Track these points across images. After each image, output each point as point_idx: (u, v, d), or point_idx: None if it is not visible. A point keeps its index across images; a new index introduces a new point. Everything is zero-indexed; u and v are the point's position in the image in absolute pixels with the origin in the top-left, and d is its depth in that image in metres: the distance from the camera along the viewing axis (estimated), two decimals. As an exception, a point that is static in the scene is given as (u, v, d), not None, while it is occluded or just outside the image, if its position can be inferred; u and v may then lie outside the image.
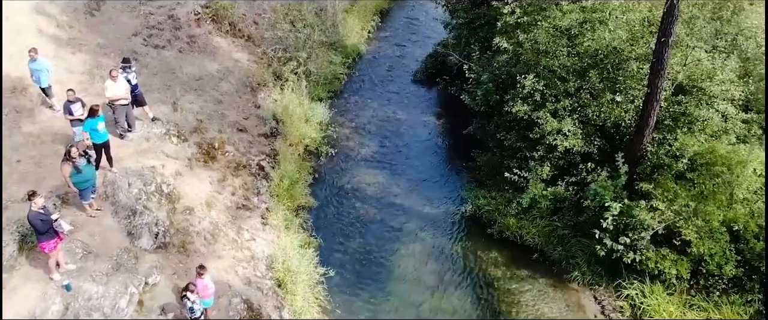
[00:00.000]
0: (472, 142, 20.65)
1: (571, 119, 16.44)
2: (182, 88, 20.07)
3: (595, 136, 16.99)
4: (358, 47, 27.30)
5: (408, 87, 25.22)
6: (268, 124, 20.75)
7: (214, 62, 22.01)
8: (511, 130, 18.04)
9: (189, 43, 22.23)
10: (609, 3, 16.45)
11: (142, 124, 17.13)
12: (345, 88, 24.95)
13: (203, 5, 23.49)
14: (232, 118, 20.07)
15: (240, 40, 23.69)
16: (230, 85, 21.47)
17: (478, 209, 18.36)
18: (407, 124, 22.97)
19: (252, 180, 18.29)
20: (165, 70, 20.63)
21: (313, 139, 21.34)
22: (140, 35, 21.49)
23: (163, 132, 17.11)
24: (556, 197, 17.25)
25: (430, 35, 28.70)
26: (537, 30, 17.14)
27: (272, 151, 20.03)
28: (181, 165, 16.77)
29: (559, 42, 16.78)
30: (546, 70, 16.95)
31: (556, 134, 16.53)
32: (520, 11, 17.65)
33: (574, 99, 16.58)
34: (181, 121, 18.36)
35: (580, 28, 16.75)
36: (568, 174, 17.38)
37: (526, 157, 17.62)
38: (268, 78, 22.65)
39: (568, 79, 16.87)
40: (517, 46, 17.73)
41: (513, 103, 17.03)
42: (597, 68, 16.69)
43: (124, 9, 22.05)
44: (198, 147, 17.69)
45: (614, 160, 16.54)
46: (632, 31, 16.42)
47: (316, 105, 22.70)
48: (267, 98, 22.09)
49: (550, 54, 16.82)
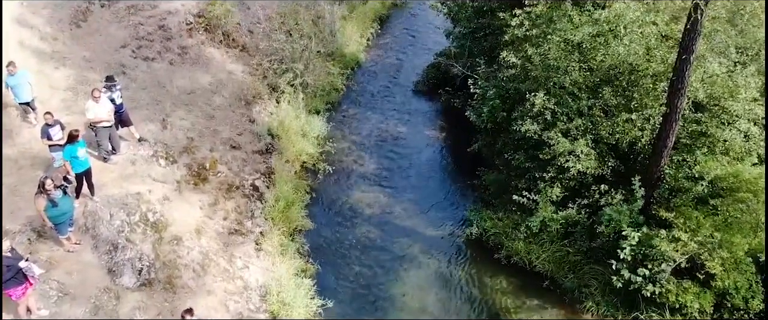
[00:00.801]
0: (477, 159, 19.46)
1: (584, 140, 15.22)
2: (172, 103, 18.85)
3: (609, 156, 15.78)
4: (357, 56, 26.07)
5: (409, 98, 24.00)
6: (262, 140, 19.53)
7: (206, 74, 20.77)
8: (519, 150, 16.84)
9: (180, 54, 20.99)
10: (624, 15, 15.19)
11: (128, 145, 15.91)
12: (343, 99, 23.73)
13: (196, 14, 22.23)
14: (225, 135, 18.85)
15: (234, 51, 22.45)
16: (223, 98, 20.24)
17: (484, 232, 17.16)
18: (408, 138, 21.75)
19: (245, 202, 17.06)
20: (154, 83, 19.40)
21: (310, 155, 20.13)
22: (129, 47, 20.23)
23: (150, 154, 15.88)
24: (567, 221, 16.06)
25: (431, 43, 27.48)
26: (547, 44, 15.91)
27: (267, 169, 18.81)
28: (170, 190, 15.56)
29: (571, 57, 15.54)
30: (556, 87, 15.74)
31: (568, 155, 15.30)
32: (528, 23, 16.41)
33: (586, 118, 15.35)
34: (170, 140, 17.14)
35: (593, 42, 15.50)
36: (580, 196, 16.20)
37: (535, 177, 16.40)
38: (263, 90, 21.42)
39: (580, 96, 15.66)
40: (525, 60, 16.50)
41: (521, 122, 15.83)
42: (611, 85, 15.47)
43: (112, 19, 20.78)
44: (188, 168, 16.47)
45: (629, 181, 15.38)
46: (648, 46, 15.18)
47: (313, 118, 21.49)
48: (262, 112, 20.86)
49: (561, 69, 15.57)
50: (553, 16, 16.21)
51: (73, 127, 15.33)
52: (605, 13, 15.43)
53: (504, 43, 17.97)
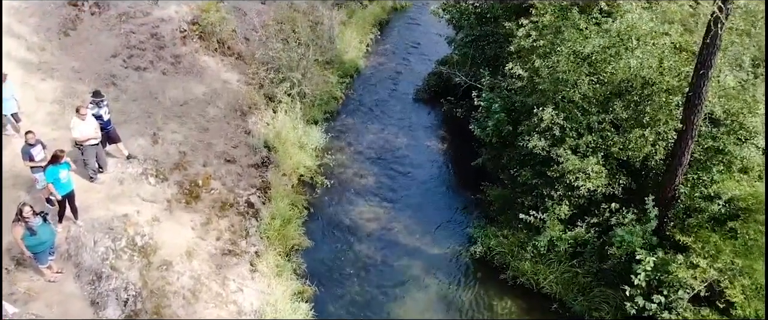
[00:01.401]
0: (481, 172, 18.56)
1: (594, 157, 14.35)
2: (164, 116, 17.97)
3: (620, 173, 14.92)
4: (356, 62, 25.16)
5: (409, 107, 23.11)
6: (258, 153, 18.65)
7: (200, 84, 19.88)
8: (525, 165, 15.97)
9: (174, 63, 20.10)
10: (636, 26, 14.29)
11: (116, 163, 15.03)
12: (342, 108, 22.83)
13: (190, 21, 21.33)
14: (219, 148, 17.97)
15: (229, 59, 21.56)
16: (218, 109, 19.35)
17: (489, 251, 16.31)
18: (409, 149, 20.86)
19: (240, 220, 16.18)
20: (146, 94, 18.51)
21: (307, 167, 19.25)
22: (120, 56, 19.35)
23: (139, 172, 15.01)
24: (576, 240, 15.22)
25: (432, 49, 26.56)
26: (555, 56, 15.02)
27: (263, 184, 17.93)
28: (159, 210, 14.69)
29: (580, 69, 14.65)
30: (565, 101, 14.85)
31: (578, 173, 14.44)
32: (535, 34, 15.52)
33: (597, 133, 14.47)
34: (161, 155, 16.26)
35: (603, 54, 14.62)
36: (589, 214, 15.36)
37: (543, 194, 15.54)
38: (259, 100, 20.52)
39: (590, 111, 14.78)
40: (532, 72, 15.61)
41: (528, 138, 14.95)
42: (621, 98, 14.59)
43: (102, 27, 19.90)
44: (179, 186, 15.59)
45: (641, 199, 14.58)
46: (662, 59, 14.30)
47: (311, 129, 20.62)
48: (258, 122, 19.97)
49: (569, 83, 14.69)
50: (561, 26, 15.31)
51: (60, 143, 14.54)
52: (616, 23, 14.52)
53: (510, 54, 17.08)
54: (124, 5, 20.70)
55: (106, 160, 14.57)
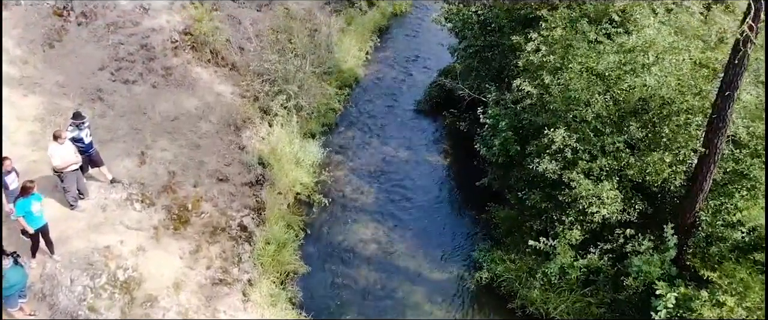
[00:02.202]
0: (486, 190, 17.44)
1: (609, 182, 13.26)
2: (154, 132, 16.90)
3: (636, 197, 13.85)
4: (356, 71, 24.03)
5: (410, 119, 21.99)
6: (253, 171, 17.55)
7: (192, 97, 18.78)
8: (534, 187, 14.88)
9: (164, 75, 19.00)
10: (654, 42, 13.19)
11: (99, 188, 13.94)
12: (341, 120, 21.69)
13: (182, 31, 20.20)
14: (211, 166, 16.88)
15: (223, 70, 20.45)
16: (211, 124, 18.25)
17: (495, 277, 15.23)
18: (410, 164, 19.76)
19: (232, 245, 15.10)
20: (135, 110, 17.42)
21: (304, 185, 18.14)
22: (107, 69, 18.25)
23: (123, 197, 13.93)
24: (589, 268, 14.14)
25: (433, 56, 25.49)
26: (567, 72, 13.92)
27: (257, 204, 16.85)
28: (145, 238, 13.62)
29: (594, 88, 13.55)
30: (577, 121, 13.75)
31: (591, 198, 13.35)
32: (545, 48, 14.41)
33: (611, 156, 13.38)
34: (148, 177, 15.18)
35: (618, 71, 13.51)
36: (602, 240, 14.26)
37: (553, 219, 14.47)
38: (254, 114, 19.41)
39: (604, 131, 13.68)
40: (542, 89, 14.51)
41: (538, 159, 13.86)
42: (637, 118, 13.49)
43: (90, 39, 18.78)
44: (167, 211, 14.50)
45: (658, 224, 13.55)
46: (681, 77, 13.21)
47: (308, 143, 19.51)
48: (253, 137, 18.87)
49: (582, 101, 13.59)
50: (572, 41, 14.21)
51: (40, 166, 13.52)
52: (633, 38, 13.42)
53: (517, 69, 16.01)
54: (113, 15, 19.57)
55: (86, 185, 13.46)
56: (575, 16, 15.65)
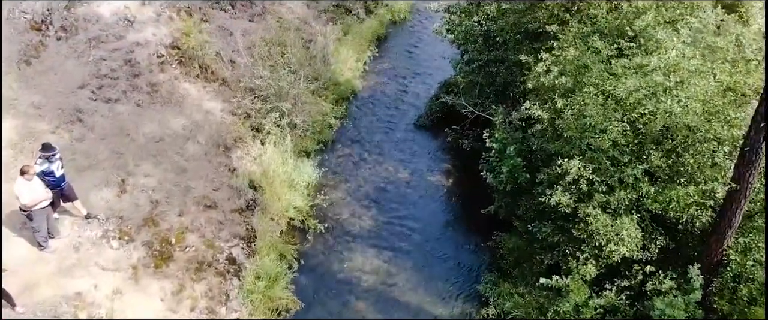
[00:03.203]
0: (493, 216, 16.10)
1: (628, 218, 11.98)
2: (137, 155, 15.64)
3: (657, 232, 12.57)
4: (353, 84, 22.69)
5: (411, 135, 20.67)
6: (243, 196, 16.28)
7: (179, 116, 17.49)
8: (544, 218, 13.59)
9: (150, 92, 17.71)
10: (678, 65, 11.87)
11: (72, 224, 12.64)
12: (337, 136, 20.35)
13: (169, 45, 18.88)
14: (198, 192, 15.61)
15: (213, 85, 19.14)
16: (199, 145, 16.98)
17: (503, 314, 13.96)
18: (411, 186, 18.46)
19: (219, 282, 13.83)
20: (117, 131, 16.15)
21: (298, 209, 16.84)
22: (88, 87, 16.96)
23: (99, 234, 12.66)
24: (605, 307, 12.86)
25: (434, 67, 24.17)
26: (581, 96, 12.62)
27: (248, 232, 15.60)
28: (123, 279, 12.34)
29: (612, 114, 12.24)
30: (593, 149, 12.44)
31: (609, 234, 12.08)
32: (557, 69, 13.11)
33: (631, 189, 12.09)
34: (128, 209, 13.89)
35: (638, 95, 12.20)
36: (619, 276, 12.99)
37: (566, 253, 13.20)
38: (245, 132, 18.11)
39: (622, 160, 12.38)
40: (553, 113, 13.21)
41: (550, 191, 12.56)
42: (660, 148, 12.19)
43: (70, 54, 17.46)
44: (147, 248, 13.22)
45: (680, 260, 12.31)
46: (708, 103, 11.91)
47: (302, 163, 18.18)
48: (244, 157, 17.59)
49: (598, 128, 12.28)
50: (587, 61, 12.90)
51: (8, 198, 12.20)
52: (654, 60, 12.11)
53: (524, 86, 14.75)
54: (95, 28, 18.24)
55: (58, 222, 12.16)
56: (587, 31, 14.35)
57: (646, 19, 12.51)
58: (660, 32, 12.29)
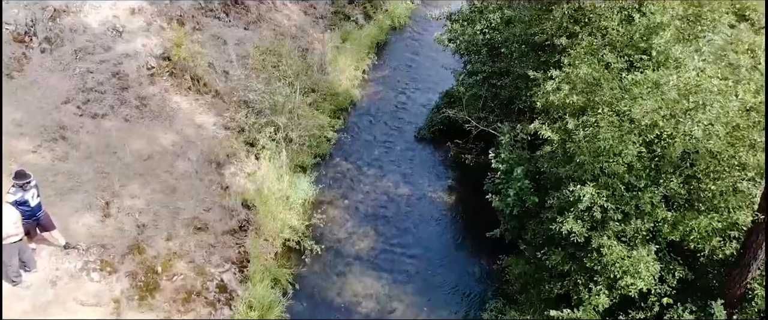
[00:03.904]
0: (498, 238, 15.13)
1: (646, 249, 11.04)
2: (124, 175, 14.70)
3: (675, 262, 11.65)
4: (351, 93, 21.75)
5: (411, 148, 19.73)
6: (235, 216, 15.34)
7: (170, 131, 16.55)
8: (554, 244, 12.66)
9: (139, 106, 16.76)
10: (701, 86, 10.91)
11: (50, 255, 11.70)
12: (335, 149, 19.40)
13: (160, 56, 17.92)
14: (188, 213, 14.68)
15: (205, 98, 18.19)
16: (189, 162, 16.04)
17: (509, 344, 13.05)
18: (411, 203, 17.52)
19: (209, 312, 12.91)
20: (103, 149, 15.20)
21: (294, 229, 15.91)
22: (73, 102, 16.01)
23: (78, 266, 11.69)
24: (619, 341, 11.96)
25: (435, 75, 23.24)
26: (594, 116, 11.67)
27: (240, 256, 14.66)
28: (104, 314, 11.44)
29: (627, 137, 11.29)
30: (607, 174, 11.50)
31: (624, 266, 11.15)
32: (568, 87, 12.16)
33: (648, 217, 11.15)
34: (112, 235, 12.96)
35: (656, 116, 11.25)
36: (633, 306, 12.07)
37: (577, 283, 12.28)
38: (239, 147, 17.16)
39: (638, 185, 11.43)
40: (564, 134, 12.26)
41: (562, 219, 11.62)
42: (680, 173, 11.25)
43: (55, 67, 16.51)
44: (132, 278, 12.28)
45: (698, 290, 11.39)
46: (731, 126, 10.96)
47: (298, 178, 17.25)
48: (238, 174, 16.65)
49: (613, 151, 11.33)
50: (600, 79, 11.95)
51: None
52: (673, 79, 11.15)
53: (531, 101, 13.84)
54: (82, 39, 17.28)
55: (33, 256, 11.23)
56: (597, 44, 13.40)
57: (665, 36, 11.54)
58: (679, 49, 11.32)
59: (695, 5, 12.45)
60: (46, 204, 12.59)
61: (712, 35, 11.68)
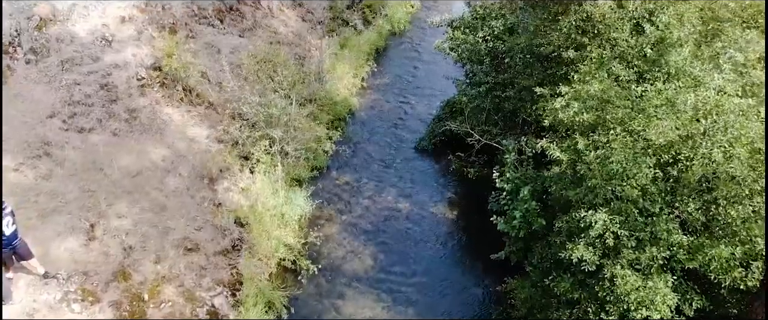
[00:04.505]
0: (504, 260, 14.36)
1: (662, 279, 10.26)
2: (111, 193, 13.93)
3: (692, 291, 10.86)
4: (350, 102, 20.97)
5: (411, 160, 18.94)
6: (228, 235, 14.58)
7: (160, 145, 15.77)
8: (563, 269, 11.87)
9: (128, 119, 15.98)
10: (721, 106, 10.11)
11: (28, 285, 10.92)
12: (332, 161, 18.63)
13: (150, 66, 17.13)
14: (178, 233, 13.92)
15: (198, 109, 17.41)
16: (180, 178, 15.26)
17: (515, 374, 12.27)
18: (412, 219, 16.74)
19: (199, 342, 12.13)
20: (89, 165, 14.42)
21: (289, 247, 15.15)
22: (58, 116, 15.23)
23: (58, 297, 10.91)
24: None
25: (436, 83, 22.45)
26: (606, 137, 10.87)
27: (233, 277, 13.92)
28: (85, 349, 10.62)
29: (641, 159, 10.49)
30: (620, 198, 10.71)
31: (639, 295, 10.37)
32: (578, 105, 11.35)
33: (664, 245, 10.36)
34: (96, 260, 12.19)
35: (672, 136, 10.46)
36: (647, 335, 11.27)
37: (587, 311, 11.49)
38: (233, 161, 16.38)
39: (653, 210, 10.64)
40: (573, 154, 11.46)
41: (571, 245, 10.82)
42: (699, 198, 10.44)
43: (40, 79, 15.73)
44: (116, 308, 11.52)
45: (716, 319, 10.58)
46: (754, 148, 10.17)
47: (294, 193, 16.47)
48: (231, 189, 15.89)
49: (627, 175, 10.53)
50: (612, 97, 11.15)
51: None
52: (691, 97, 10.35)
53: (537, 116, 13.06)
54: (69, 49, 16.50)
55: (9, 287, 10.46)
56: (607, 57, 12.61)
57: (683, 52, 10.75)
58: (698, 67, 10.52)
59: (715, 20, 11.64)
60: (27, 227, 11.87)
61: (732, 51, 10.86)
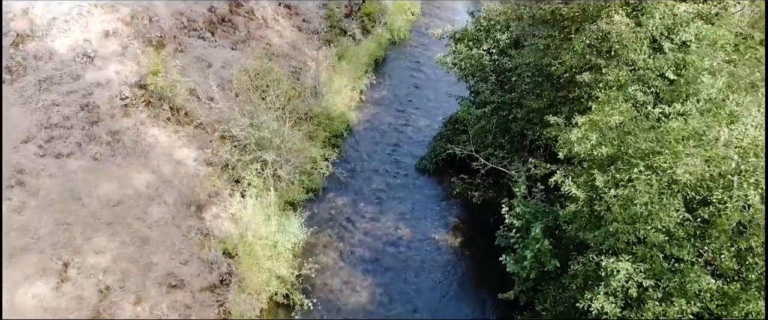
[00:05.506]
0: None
1: (692, 336, 9.07)
2: (88, 226, 12.79)
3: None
4: (347, 117, 19.75)
5: (412, 181, 17.74)
6: (216, 269, 13.41)
7: (144, 170, 14.59)
8: (579, 316, 10.64)
9: (110, 142, 14.79)
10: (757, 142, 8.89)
11: (-13, 341, 9.74)
12: (329, 182, 17.41)
13: (135, 84, 15.90)
14: (161, 269, 12.76)
15: (186, 129, 16.21)
16: (165, 206, 14.08)
17: None
18: (413, 247, 15.55)
19: (180, 394, 10.94)
20: (66, 195, 13.25)
21: (282, 279, 13.99)
22: (35, 140, 14.06)
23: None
24: None
25: (437, 97, 21.24)
26: (628, 174, 9.65)
27: (221, 316, 12.75)
28: None
29: (669, 201, 9.27)
30: (645, 244, 9.49)
31: (665, 353, 9.17)
32: (596, 137, 10.13)
33: (696, 300, 9.14)
34: (68, 306, 11.04)
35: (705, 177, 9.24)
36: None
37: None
38: (222, 186, 15.19)
39: (681, 256, 9.42)
40: (590, 190, 10.25)
41: (590, 294, 9.62)
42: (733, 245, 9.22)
43: (15, 101, 14.54)
44: (87, 362, 10.31)
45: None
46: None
47: (287, 219, 15.28)
48: (220, 216, 14.73)
49: (653, 217, 9.31)
50: (634, 129, 9.93)
51: None
52: (725, 134, 9.13)
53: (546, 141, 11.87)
54: (48, 67, 15.30)
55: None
56: (625, 80, 11.40)
57: (718, 83, 9.52)
58: (734, 101, 9.30)
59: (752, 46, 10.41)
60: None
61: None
